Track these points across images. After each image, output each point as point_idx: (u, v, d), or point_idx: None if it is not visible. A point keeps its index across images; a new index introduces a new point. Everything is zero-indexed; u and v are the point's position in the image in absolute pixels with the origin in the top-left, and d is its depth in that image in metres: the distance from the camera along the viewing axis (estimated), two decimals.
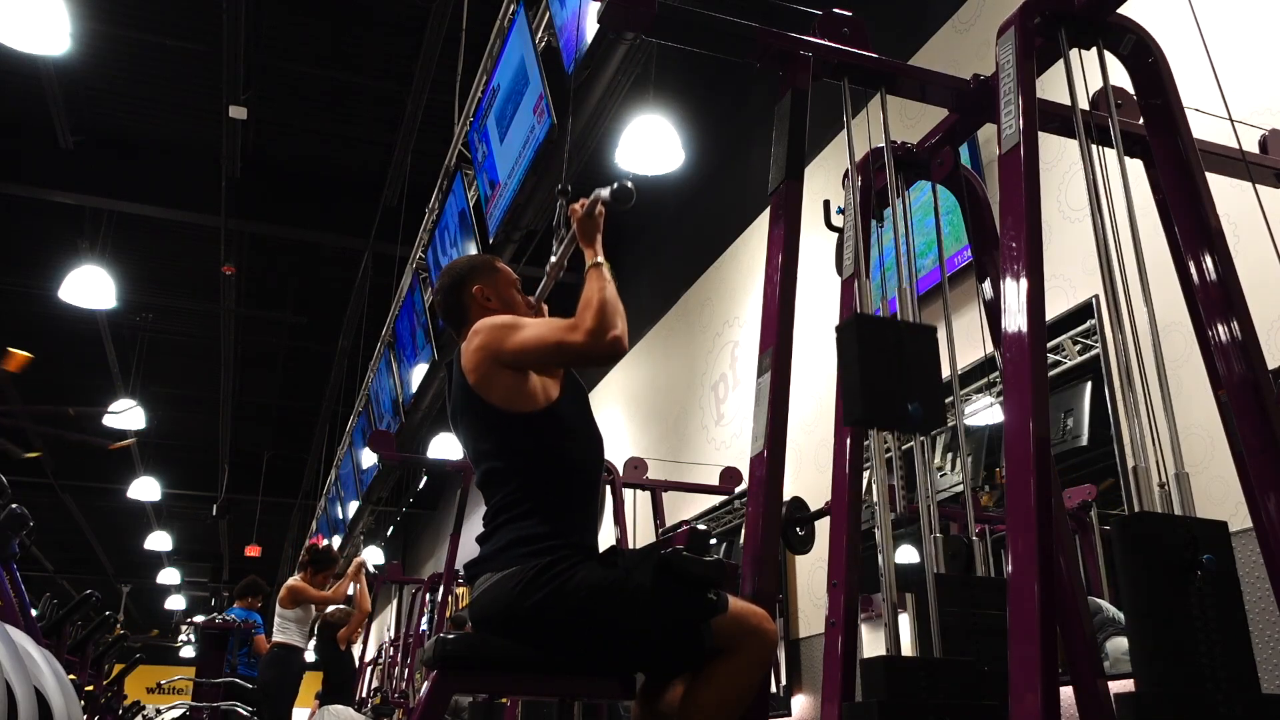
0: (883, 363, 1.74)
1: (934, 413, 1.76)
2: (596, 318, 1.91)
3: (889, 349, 1.76)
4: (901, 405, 1.71)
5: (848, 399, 1.75)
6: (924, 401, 1.73)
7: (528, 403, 1.98)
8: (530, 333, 1.97)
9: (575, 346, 1.92)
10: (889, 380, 1.73)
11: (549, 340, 1.95)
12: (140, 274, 9.10)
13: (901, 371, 1.74)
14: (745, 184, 6.09)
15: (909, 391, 1.73)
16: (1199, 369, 1.96)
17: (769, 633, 1.83)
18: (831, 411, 2.26)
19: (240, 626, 6.97)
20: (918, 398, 1.72)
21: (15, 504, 4.06)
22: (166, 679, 9.43)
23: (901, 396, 1.72)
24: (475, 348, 2.01)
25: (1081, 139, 1.90)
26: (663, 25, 2.05)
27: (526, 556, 1.87)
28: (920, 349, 1.79)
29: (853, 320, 1.79)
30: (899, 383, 1.74)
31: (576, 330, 1.92)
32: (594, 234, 2.14)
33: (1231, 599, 1.45)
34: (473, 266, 2.24)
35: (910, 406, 1.71)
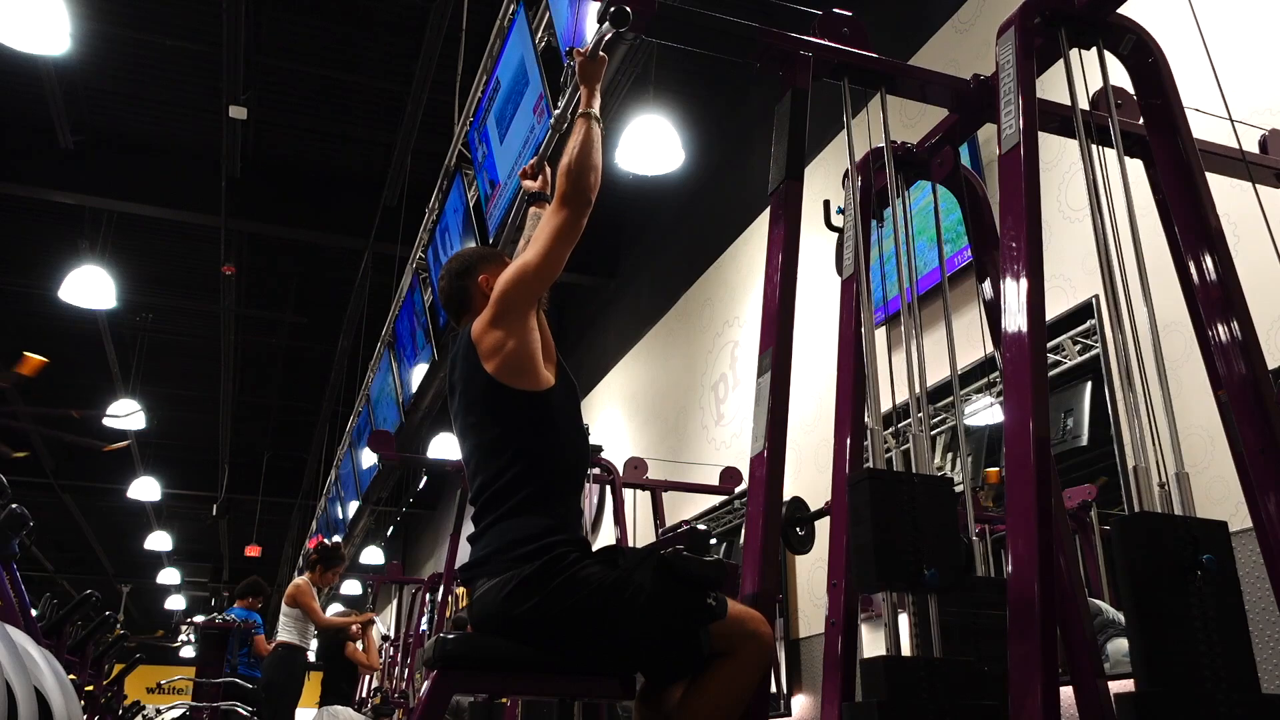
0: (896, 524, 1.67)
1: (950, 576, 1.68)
2: (569, 180, 2.01)
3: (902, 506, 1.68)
4: (917, 569, 1.64)
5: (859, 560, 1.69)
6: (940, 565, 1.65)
7: (528, 379, 2.00)
8: (533, 248, 2.04)
9: (565, 222, 2.00)
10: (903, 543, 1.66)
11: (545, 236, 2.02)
12: (140, 274, 9.10)
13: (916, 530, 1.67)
14: (745, 184, 6.09)
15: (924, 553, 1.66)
16: (1199, 369, 1.96)
17: (767, 636, 1.83)
18: (831, 411, 2.26)
19: (240, 626, 6.97)
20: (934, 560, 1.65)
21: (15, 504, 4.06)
22: (166, 679, 9.43)
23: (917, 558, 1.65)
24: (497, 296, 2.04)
25: (1081, 139, 1.90)
26: (663, 25, 2.06)
27: (523, 558, 1.86)
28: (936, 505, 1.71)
29: (864, 477, 1.72)
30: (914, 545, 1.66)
31: (558, 211, 2.01)
32: (594, 77, 2.19)
33: (1231, 599, 1.45)
34: (481, 256, 2.27)
35: (927, 572, 1.64)
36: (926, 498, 1.71)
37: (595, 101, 2.15)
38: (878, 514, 1.66)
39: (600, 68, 2.19)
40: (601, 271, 8.08)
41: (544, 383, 2.02)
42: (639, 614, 1.81)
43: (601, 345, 8.26)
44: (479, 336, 2.03)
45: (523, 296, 2.02)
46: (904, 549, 1.66)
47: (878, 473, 1.75)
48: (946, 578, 1.67)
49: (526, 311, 2.03)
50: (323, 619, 6.38)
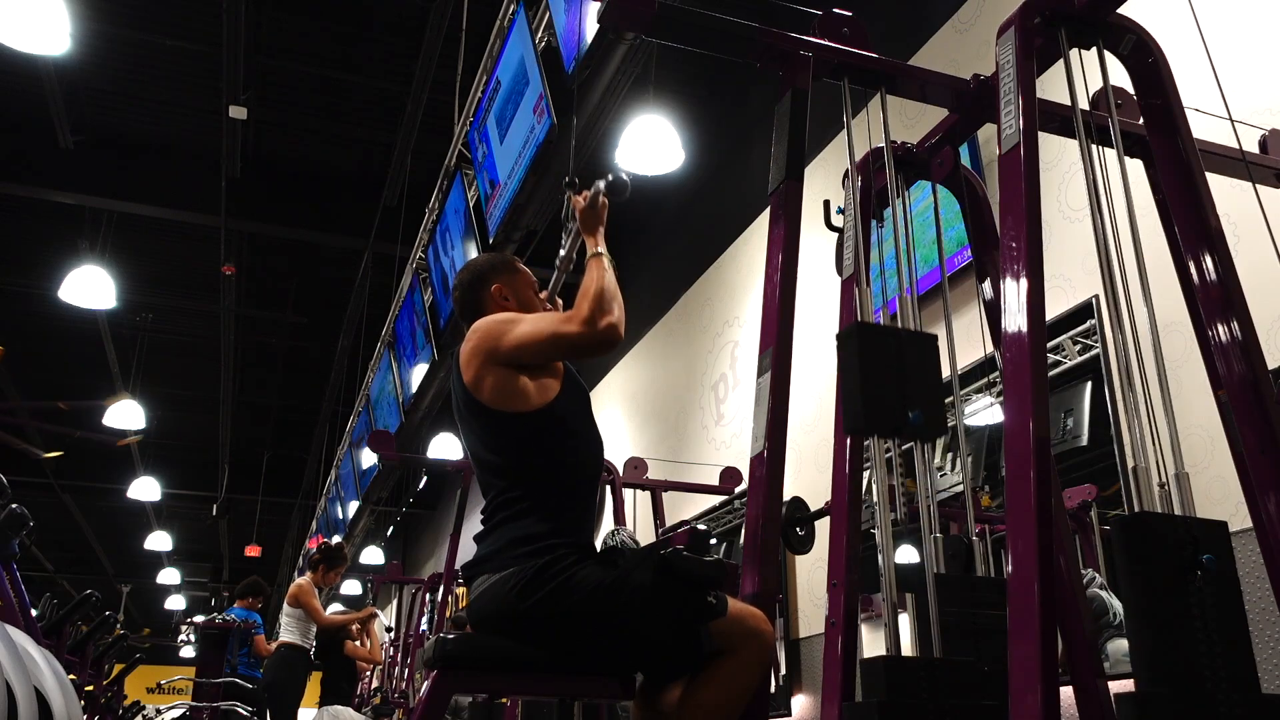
0: (883, 371, 1.74)
1: (935, 421, 1.75)
2: (591, 306, 1.91)
3: (889, 357, 1.75)
4: (902, 413, 1.71)
5: (848, 407, 1.75)
6: (924, 410, 1.72)
7: (521, 402, 1.97)
8: (526, 327, 1.97)
9: (570, 337, 1.92)
10: (889, 388, 1.73)
11: (545, 333, 1.95)
12: (140, 274, 9.10)
13: (902, 380, 1.74)
14: (745, 184, 6.09)
15: (909, 400, 1.72)
16: (1199, 369, 1.96)
17: (767, 634, 1.83)
18: (831, 411, 2.26)
19: (240, 626, 6.97)
20: (918, 405, 1.72)
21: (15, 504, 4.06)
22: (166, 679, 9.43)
23: (902, 405, 1.71)
24: (470, 348, 2.01)
25: (1081, 139, 1.90)
26: (662, 25, 2.05)
27: (525, 556, 1.87)
28: (921, 357, 1.78)
29: (853, 328, 1.79)
30: (899, 391, 1.73)
31: (571, 320, 1.92)
32: (596, 225, 2.14)
33: (1231, 599, 1.45)
34: (493, 265, 2.24)
35: (911, 415, 1.70)
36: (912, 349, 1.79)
37: (601, 244, 2.10)
38: (865, 362, 1.73)
39: (602, 213, 2.14)
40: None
41: (542, 400, 1.98)
42: (639, 613, 1.81)
43: None
44: (464, 368, 2.01)
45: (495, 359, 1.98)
46: (890, 395, 1.73)
47: (866, 325, 1.84)
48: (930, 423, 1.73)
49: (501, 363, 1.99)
50: (324, 618, 6.38)
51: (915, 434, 1.76)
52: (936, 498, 2.04)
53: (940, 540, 1.90)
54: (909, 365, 1.76)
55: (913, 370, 1.76)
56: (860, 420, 1.72)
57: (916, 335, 1.84)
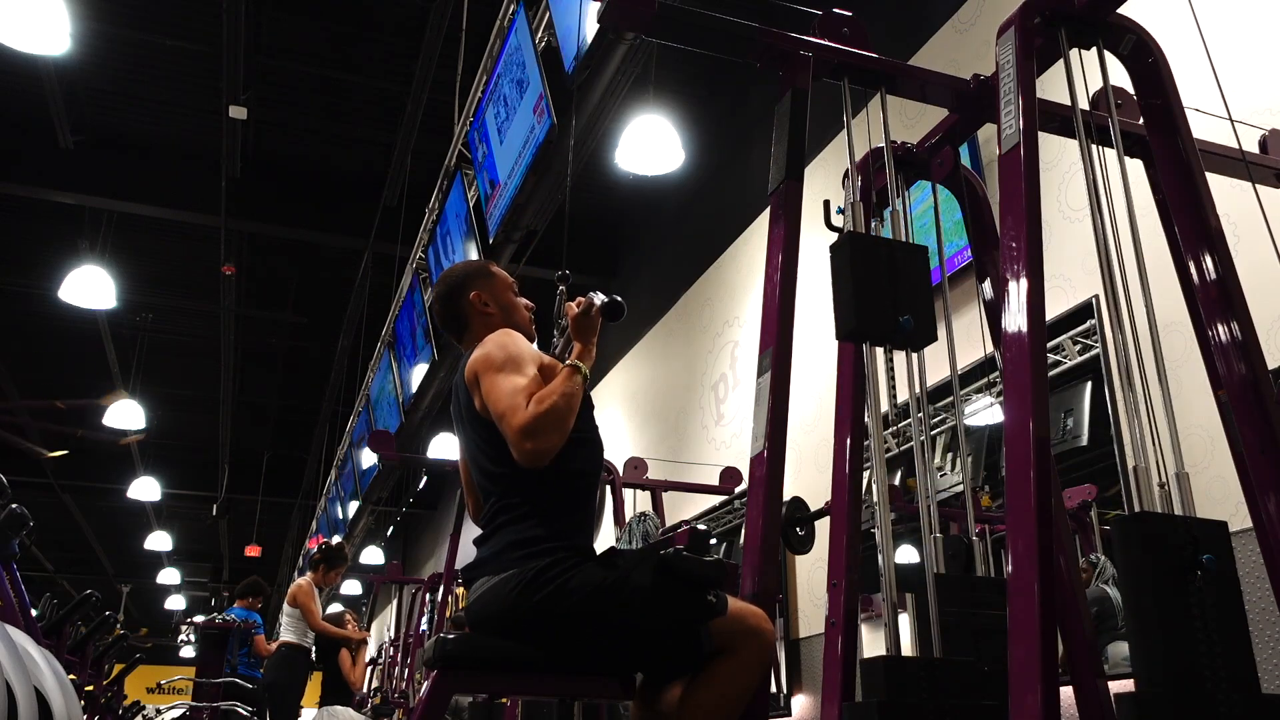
0: (875, 278, 1.78)
1: (925, 325, 1.79)
2: (537, 418, 1.85)
3: (881, 265, 1.80)
4: (893, 318, 1.75)
5: (840, 313, 1.79)
6: (915, 315, 1.75)
7: None
8: (502, 382, 1.93)
9: (510, 428, 1.87)
10: (881, 295, 1.78)
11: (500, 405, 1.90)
12: (140, 274, 9.10)
13: (893, 287, 1.79)
14: (745, 184, 6.09)
15: (900, 306, 1.76)
16: (1199, 369, 1.96)
17: (768, 633, 1.83)
18: (831, 411, 2.26)
19: (240, 626, 6.97)
20: (909, 312, 1.75)
21: (15, 504, 4.05)
22: (166, 679, 9.43)
23: (893, 310, 1.75)
24: (477, 358, 2.02)
25: (1081, 139, 1.90)
26: (662, 25, 2.05)
27: (524, 559, 1.87)
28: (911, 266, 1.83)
29: (846, 238, 1.83)
30: (891, 297, 1.78)
31: (517, 415, 1.86)
32: (588, 334, 2.09)
33: (1231, 599, 1.45)
34: (468, 273, 2.24)
35: (902, 319, 1.74)
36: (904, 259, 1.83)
37: (588, 358, 2.04)
38: (857, 269, 1.77)
39: (594, 323, 2.10)
40: (601, 271, 8.08)
41: None
42: (638, 613, 1.81)
43: (601, 345, 8.16)
44: (469, 381, 2.02)
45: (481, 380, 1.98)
46: (881, 300, 1.78)
47: (858, 234, 1.88)
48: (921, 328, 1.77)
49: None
50: (318, 623, 6.36)
51: (907, 340, 1.79)
52: (936, 498, 2.04)
53: (940, 540, 1.91)
54: (900, 273, 1.81)
55: (904, 278, 1.81)
56: (852, 324, 1.77)
57: (907, 246, 1.88)
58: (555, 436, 1.87)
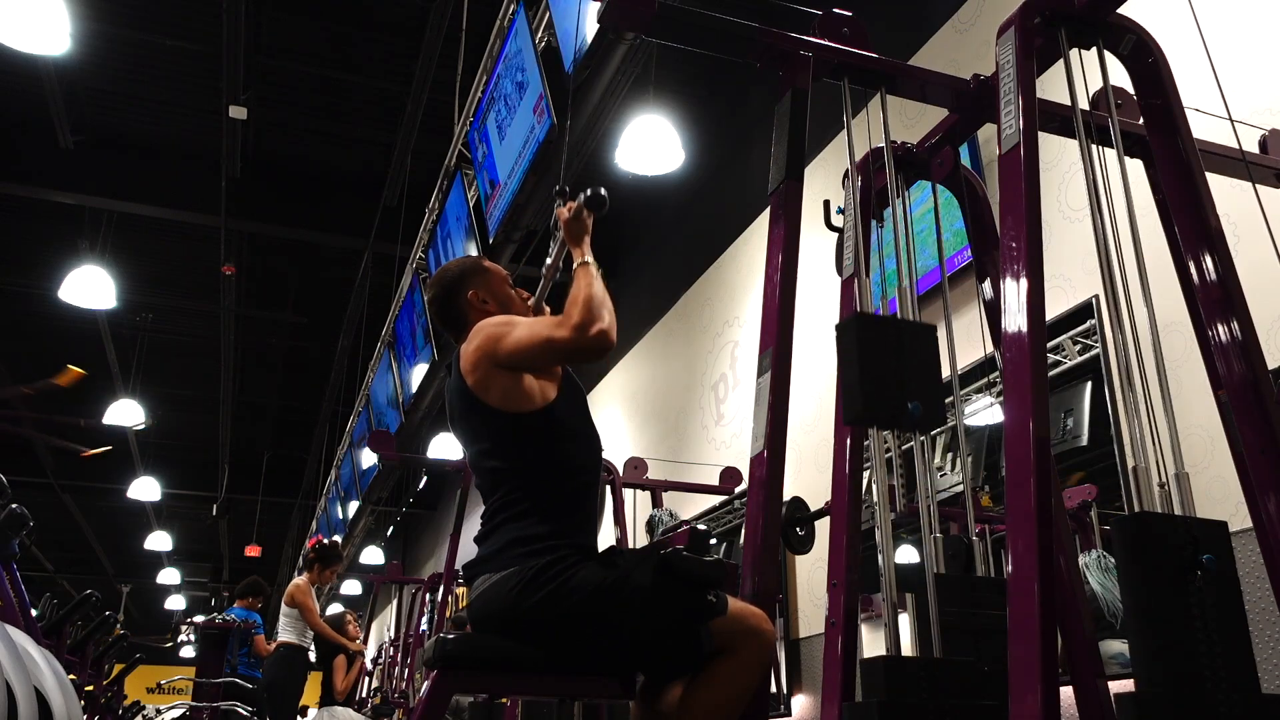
0: (883, 361, 1.73)
1: (934, 412, 1.75)
2: (582, 313, 1.91)
3: (889, 347, 1.75)
4: (901, 404, 1.70)
5: (847, 397, 1.75)
6: (924, 400, 1.72)
7: (524, 403, 1.98)
8: (522, 332, 1.98)
9: (562, 342, 1.92)
10: (889, 378, 1.73)
11: (538, 337, 1.95)
12: (140, 274, 9.10)
13: (901, 370, 1.74)
14: (745, 184, 6.09)
15: (909, 390, 1.72)
16: (1199, 369, 1.96)
17: (768, 633, 1.83)
18: (831, 411, 2.26)
19: (240, 626, 6.97)
20: (917, 397, 1.72)
21: (15, 504, 4.05)
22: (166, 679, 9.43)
23: (901, 395, 1.71)
24: (473, 349, 2.01)
25: (1081, 139, 1.90)
26: (662, 25, 2.05)
27: (525, 557, 1.87)
28: (920, 347, 1.78)
29: (853, 319, 1.79)
30: (899, 381, 1.73)
31: (563, 326, 1.92)
32: (581, 235, 2.13)
33: (1231, 599, 1.45)
34: (463, 271, 2.24)
35: (910, 405, 1.70)
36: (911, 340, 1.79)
37: (587, 254, 2.09)
38: (864, 352, 1.72)
39: (585, 223, 2.14)
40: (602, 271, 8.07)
41: (542, 401, 2.00)
42: (639, 612, 1.81)
43: None
44: (467, 373, 2.02)
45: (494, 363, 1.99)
46: (889, 385, 1.72)
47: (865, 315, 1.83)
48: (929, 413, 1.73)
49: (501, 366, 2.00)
50: (317, 622, 6.37)
51: (914, 425, 1.76)
52: (936, 498, 2.04)
53: (940, 540, 1.91)
54: (908, 355, 1.76)
55: (912, 361, 1.76)
56: (859, 410, 1.72)
57: (915, 325, 1.84)
58: (606, 315, 1.94)
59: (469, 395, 2.02)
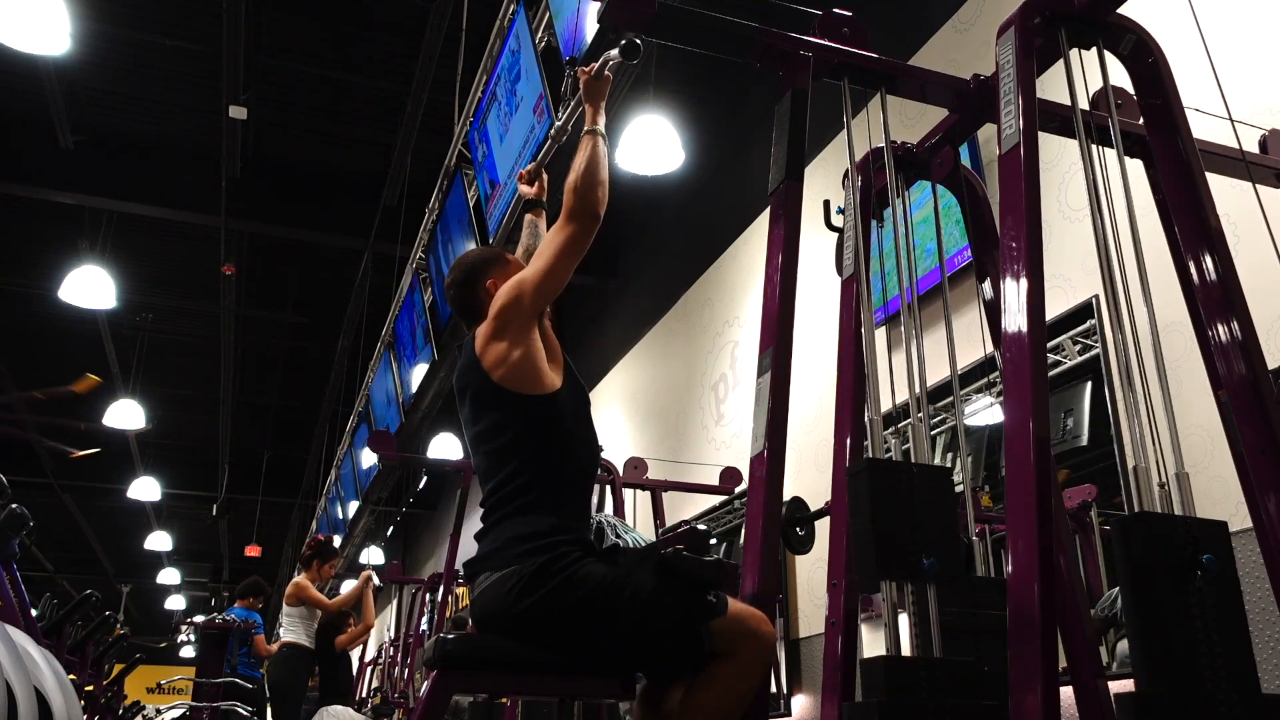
0: (895, 512, 1.67)
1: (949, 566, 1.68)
2: (575, 199, 2.02)
3: (901, 497, 1.68)
4: (916, 558, 1.64)
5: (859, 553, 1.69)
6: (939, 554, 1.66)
7: (532, 385, 2.00)
8: (536, 263, 2.05)
9: (571, 237, 2.02)
10: (901, 531, 1.66)
11: (553, 252, 2.03)
12: (140, 274, 9.10)
13: (914, 520, 1.67)
14: (745, 184, 6.09)
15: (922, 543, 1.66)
16: (1199, 369, 1.96)
17: (768, 635, 1.83)
18: (831, 411, 2.26)
19: (240, 626, 6.97)
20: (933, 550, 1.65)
21: (15, 504, 4.05)
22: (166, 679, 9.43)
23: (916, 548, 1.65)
24: (491, 317, 2.05)
25: (1081, 139, 1.90)
26: (663, 25, 2.05)
27: (525, 555, 1.87)
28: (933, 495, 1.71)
29: (864, 466, 1.72)
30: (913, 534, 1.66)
31: (563, 226, 2.02)
32: (599, 96, 2.20)
33: (1231, 599, 1.45)
34: (484, 260, 2.25)
35: (926, 562, 1.63)
36: (925, 488, 1.71)
37: (600, 119, 2.17)
38: (876, 504, 1.66)
39: (605, 85, 2.20)
40: (601, 271, 8.08)
41: (550, 386, 2.02)
42: (639, 612, 1.81)
43: (601, 345, 8.26)
44: (482, 349, 2.04)
45: (524, 311, 2.02)
46: (903, 539, 1.66)
47: (877, 462, 1.74)
48: (945, 568, 1.66)
49: (529, 324, 2.04)
50: (330, 604, 6.41)
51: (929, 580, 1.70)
52: None
53: None
54: (920, 505, 1.68)
55: (924, 509, 1.68)
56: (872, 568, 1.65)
57: (928, 470, 1.75)
58: (599, 190, 2.05)
59: (479, 372, 2.03)
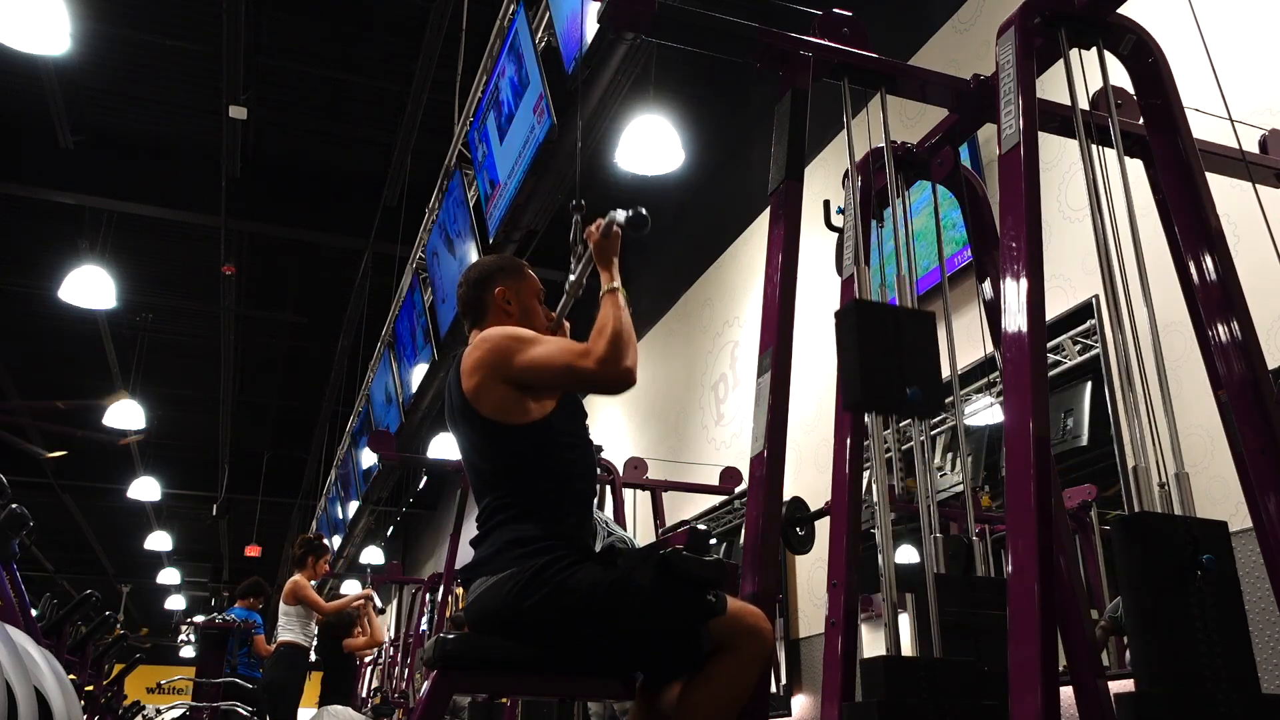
0: (881, 347, 1.75)
1: (933, 397, 1.76)
2: (610, 346, 1.88)
3: (887, 334, 1.76)
4: (900, 389, 1.72)
5: (846, 383, 1.76)
6: (922, 385, 1.73)
7: (519, 416, 1.97)
8: (541, 351, 1.94)
9: (586, 372, 1.89)
10: (888, 365, 1.74)
11: (559, 363, 1.92)
12: (140, 274, 9.09)
13: (900, 356, 1.75)
14: (745, 184, 6.09)
15: (907, 376, 1.73)
16: (1199, 369, 1.96)
17: (766, 632, 1.83)
18: (831, 411, 2.26)
19: (240, 626, 6.97)
20: (916, 382, 1.72)
21: (15, 504, 4.05)
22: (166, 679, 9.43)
23: (900, 380, 1.73)
24: (477, 358, 1.99)
25: (1081, 139, 1.90)
26: (663, 25, 2.05)
27: (523, 558, 1.86)
28: (918, 334, 1.80)
29: (852, 306, 1.80)
30: (897, 367, 1.75)
31: (588, 356, 1.89)
32: (610, 257, 2.09)
33: (1231, 599, 1.45)
34: (501, 267, 2.23)
35: (909, 390, 1.71)
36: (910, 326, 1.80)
37: (616, 278, 2.05)
38: (864, 338, 1.73)
39: (615, 243, 2.08)
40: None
41: (539, 414, 1.98)
42: (638, 612, 1.81)
43: None
44: (466, 377, 2.00)
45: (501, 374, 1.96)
46: (888, 371, 1.74)
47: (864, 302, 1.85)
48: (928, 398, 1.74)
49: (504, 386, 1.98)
50: (326, 606, 6.40)
51: (913, 410, 1.77)
52: (936, 498, 2.04)
53: (940, 540, 1.91)
54: (907, 342, 1.77)
55: (910, 347, 1.77)
56: (858, 395, 1.73)
57: (914, 312, 1.86)
58: (632, 351, 1.92)
59: (464, 400, 2.01)
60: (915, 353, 1.77)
